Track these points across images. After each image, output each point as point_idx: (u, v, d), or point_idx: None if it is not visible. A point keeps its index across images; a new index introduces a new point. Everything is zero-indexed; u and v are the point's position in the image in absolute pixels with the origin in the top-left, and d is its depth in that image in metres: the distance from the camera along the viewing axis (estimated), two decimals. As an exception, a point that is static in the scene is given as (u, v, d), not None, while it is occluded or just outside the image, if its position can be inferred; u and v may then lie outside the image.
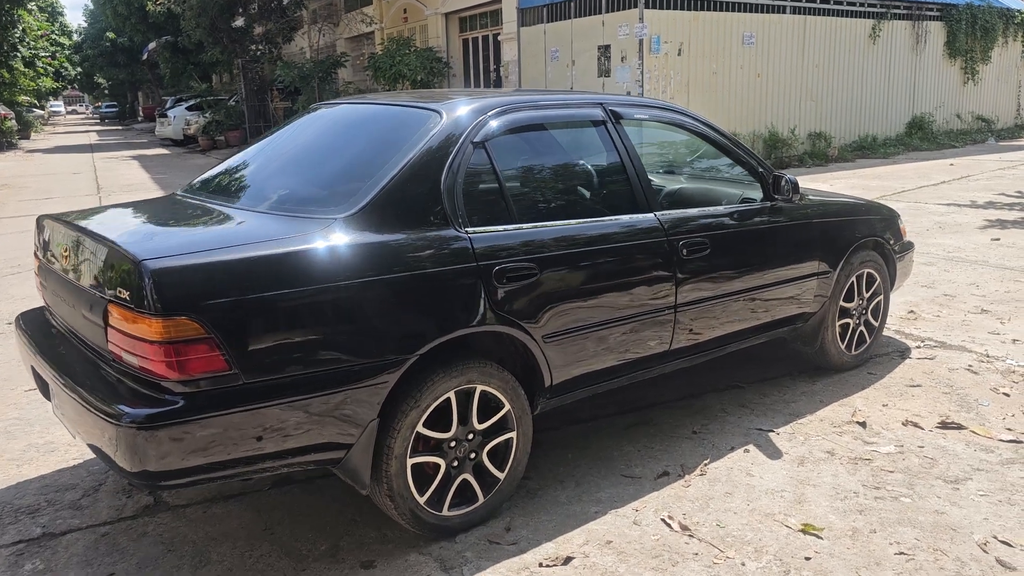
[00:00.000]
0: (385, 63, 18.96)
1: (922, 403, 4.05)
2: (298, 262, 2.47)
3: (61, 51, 47.92)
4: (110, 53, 44.82)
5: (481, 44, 18.85)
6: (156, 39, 31.00)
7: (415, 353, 2.67)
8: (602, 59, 13.76)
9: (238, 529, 3.01)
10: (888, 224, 4.60)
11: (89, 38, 47.62)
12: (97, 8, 39.16)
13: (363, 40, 24.34)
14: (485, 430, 2.96)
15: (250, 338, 2.38)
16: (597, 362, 3.25)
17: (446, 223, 2.80)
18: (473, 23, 19.10)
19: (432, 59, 19.02)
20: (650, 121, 3.68)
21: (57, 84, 46.26)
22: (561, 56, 14.83)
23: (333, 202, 2.75)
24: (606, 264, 3.20)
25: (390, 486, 2.73)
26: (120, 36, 41.82)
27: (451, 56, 19.79)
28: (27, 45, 30.28)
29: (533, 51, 15.65)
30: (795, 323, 4.14)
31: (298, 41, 28.13)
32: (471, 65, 19.41)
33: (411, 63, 18.64)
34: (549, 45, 15.15)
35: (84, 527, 3.04)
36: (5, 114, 31.36)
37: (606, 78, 13.70)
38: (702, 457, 3.51)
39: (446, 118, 2.99)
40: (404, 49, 19.00)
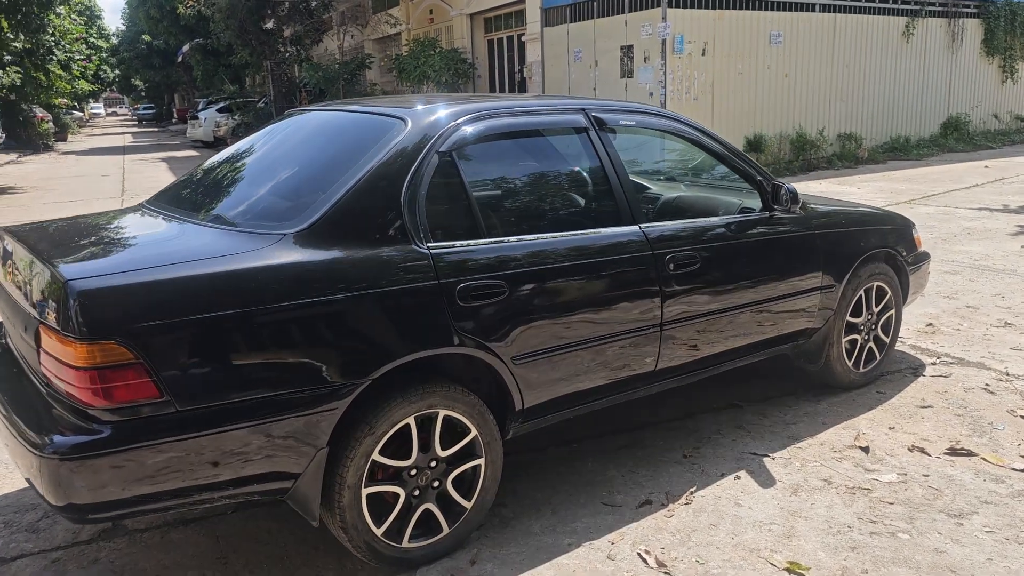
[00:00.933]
0: (410, 64, 18.92)
1: (932, 426, 3.81)
2: (235, 282, 2.33)
3: (98, 54, 48.71)
4: (146, 56, 45.43)
5: (506, 45, 18.70)
6: (189, 41, 31.30)
7: (367, 378, 2.52)
8: (625, 60, 13.53)
9: (192, 558, 2.89)
10: (900, 234, 4.35)
11: (126, 41, 48.35)
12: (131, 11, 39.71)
13: (390, 41, 24.32)
14: (450, 457, 2.80)
15: (183, 363, 2.24)
16: (574, 384, 3.08)
17: (406, 239, 2.65)
18: (498, 24, 18.96)
19: (457, 60, 18.92)
20: (638, 128, 3.49)
21: (94, 86, 46.97)
22: (584, 57, 14.62)
23: (286, 216, 2.61)
24: (584, 280, 3.02)
25: (343, 517, 2.58)
26: (155, 39, 42.34)
27: (476, 57, 19.67)
28: (63, 48, 30.72)
29: (556, 52, 15.47)
30: (797, 339, 3.93)
31: (327, 43, 28.24)
32: (496, 66, 19.27)
33: (436, 64, 18.56)
34: (572, 46, 14.95)
35: (36, 552, 2.93)
36: (42, 116, 31.89)
37: (629, 79, 13.47)
38: (690, 484, 3.31)
39: (411, 127, 2.84)
40: (429, 50, 18.93)
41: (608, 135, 3.28)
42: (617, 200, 3.21)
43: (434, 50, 18.98)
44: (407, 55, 19.41)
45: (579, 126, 3.22)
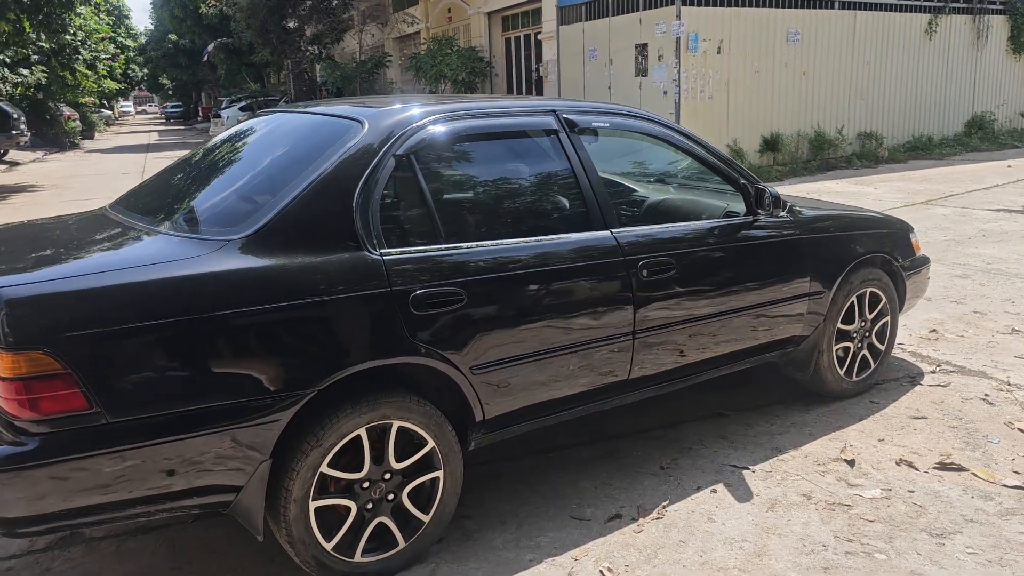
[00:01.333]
0: (427, 63, 18.88)
1: (923, 438, 3.66)
2: (168, 290, 2.27)
3: (125, 53, 49.26)
4: (172, 55, 45.86)
5: (523, 43, 18.61)
6: (212, 40, 31.56)
7: (312, 389, 2.44)
8: (639, 58, 13.38)
9: (146, 568, 2.83)
10: (896, 238, 4.21)
11: (153, 40, 48.86)
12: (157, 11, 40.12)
13: (410, 40, 24.31)
14: (405, 469, 2.71)
15: (114, 374, 2.18)
16: (540, 394, 2.98)
17: (357, 245, 2.57)
18: (515, 22, 18.86)
19: (474, 59, 18.87)
20: (612, 130, 3.38)
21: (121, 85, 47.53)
22: (599, 55, 14.49)
23: (233, 222, 2.54)
24: (549, 288, 2.92)
25: (289, 531, 2.51)
26: (181, 38, 42.73)
27: (494, 56, 19.59)
28: (89, 48, 31.09)
29: (572, 50, 15.35)
30: (784, 347, 3.80)
31: (348, 42, 28.33)
32: (513, 65, 19.18)
33: (452, 63, 18.51)
34: (587, 44, 14.82)
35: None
36: (69, 115, 32.28)
37: (643, 77, 13.32)
38: (663, 497, 3.20)
39: (367, 129, 2.76)
40: (446, 49, 18.89)
41: (580, 137, 3.18)
42: (588, 204, 3.11)
43: (451, 49, 18.94)
44: (424, 54, 19.39)
45: (549, 128, 3.12)
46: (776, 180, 12.50)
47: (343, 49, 28.11)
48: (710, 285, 3.39)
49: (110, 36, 40.53)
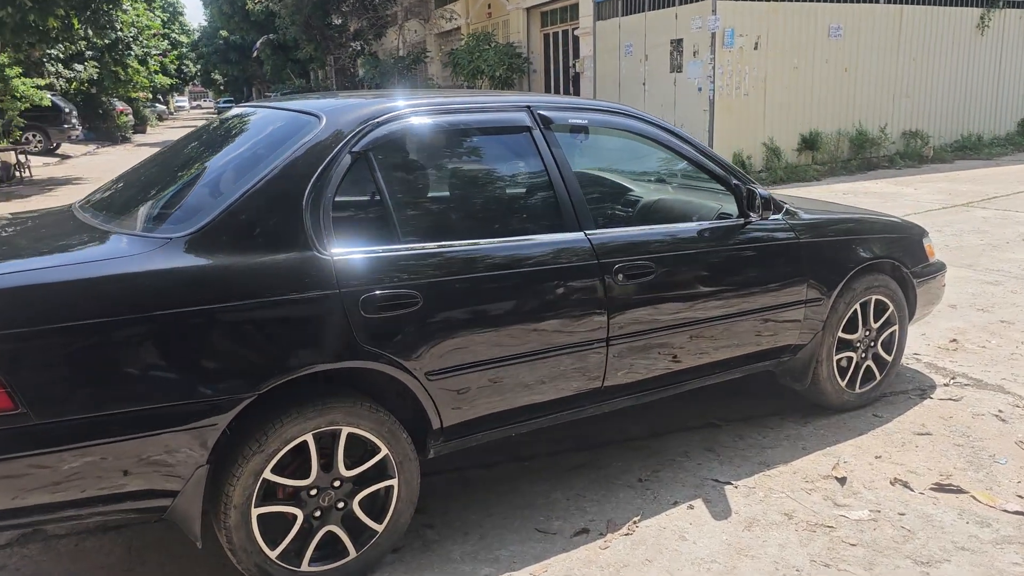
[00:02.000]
0: (464, 59, 18.82)
1: (924, 456, 3.46)
2: (100, 289, 2.21)
3: (178, 49, 50.26)
4: (223, 51, 46.58)
5: (561, 39, 18.43)
6: (259, 37, 31.98)
7: (252, 393, 2.36)
8: (674, 54, 13.12)
9: (99, 568, 2.80)
10: (906, 243, 3.99)
11: (205, 36, 49.73)
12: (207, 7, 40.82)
13: (451, 36, 24.31)
14: (356, 477, 2.63)
15: (42, 374, 2.13)
16: (504, 402, 2.87)
17: (306, 244, 2.48)
18: (553, 17, 18.70)
19: (512, 55, 18.75)
20: (591, 127, 3.25)
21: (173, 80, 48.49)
22: (634, 51, 14.26)
23: (180, 220, 2.48)
24: (513, 291, 2.81)
25: (230, 538, 2.44)
26: (232, 34, 43.40)
27: (532, 52, 19.46)
28: (140, 44, 31.78)
29: (608, 46, 15.14)
30: (779, 356, 3.63)
31: (392, 37, 28.46)
32: (551, 61, 19.03)
33: (490, 59, 18.42)
34: (623, 40, 14.60)
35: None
36: (122, 109, 33.02)
37: (678, 73, 13.06)
38: (636, 512, 3.07)
39: (324, 124, 2.67)
40: (484, 45, 18.81)
41: (556, 135, 3.05)
42: (560, 204, 2.98)
43: (489, 45, 18.84)
44: (462, 50, 19.33)
45: (521, 125, 3.00)
46: (813, 180, 12.18)
47: (385, 45, 28.26)
48: (694, 291, 3.24)
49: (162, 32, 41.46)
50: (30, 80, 22.51)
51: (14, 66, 21.88)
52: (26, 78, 22.59)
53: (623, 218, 3.86)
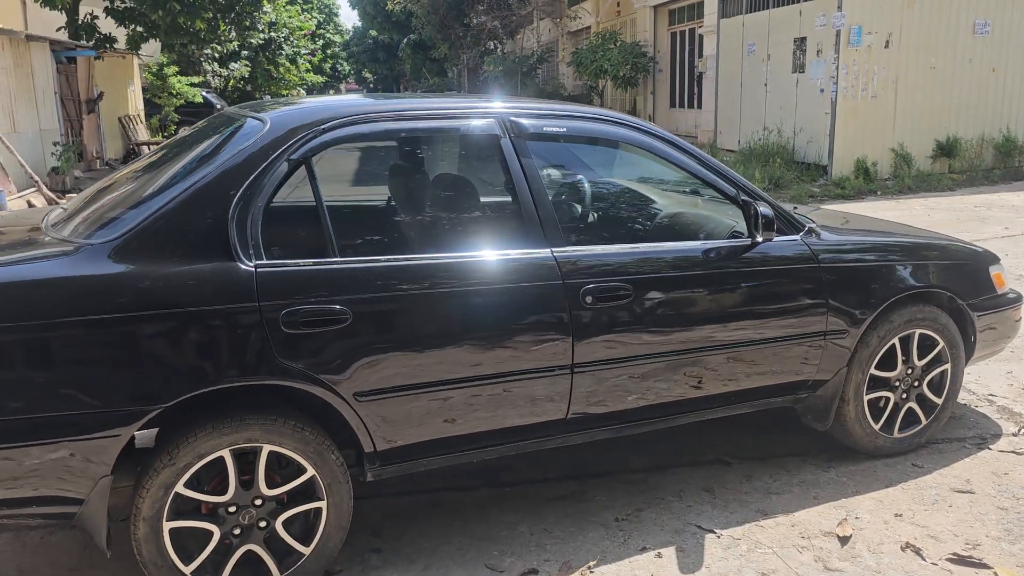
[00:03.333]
0: (587, 59, 18.58)
1: (955, 519, 3.01)
2: (6, 294, 2.21)
3: (331, 48, 52.55)
4: (372, 50, 48.30)
5: (687, 38, 17.86)
6: (399, 36, 32.93)
7: (157, 407, 2.31)
8: (797, 53, 12.37)
9: (49, 565, 2.85)
10: (965, 271, 3.50)
11: (356, 36, 51.74)
12: (352, 7, 42.44)
13: (581, 35, 24.10)
14: (279, 496, 2.54)
15: (-61, 376, 2.16)
16: (449, 428, 2.70)
17: (228, 255, 2.41)
18: (681, 16, 18.15)
19: (637, 54, 18.34)
20: (572, 135, 3.01)
21: (324, 79, 50.68)
22: (757, 50, 13.57)
23: (110, 227, 2.46)
24: (461, 310, 2.63)
25: (140, 551, 2.41)
26: (381, 34, 44.93)
27: (658, 51, 18.98)
28: (291, 43, 33.44)
29: (731, 45, 14.49)
30: (794, 392, 3.26)
31: (528, 36, 28.57)
32: (677, 60, 18.47)
33: (613, 58, 18.09)
34: (747, 39, 13.92)
35: (-74, 537, 3.03)
36: (273, 106, 34.85)
37: (800, 74, 12.31)
38: (598, 555, 2.82)
39: (266, 130, 2.59)
40: (608, 44, 18.49)
41: (529, 144, 2.84)
42: (525, 219, 2.77)
43: (614, 44, 18.50)
44: (585, 49, 19.08)
45: (488, 133, 2.81)
46: (946, 189, 11.16)
47: (520, 44, 28.39)
48: (683, 318, 2.95)
49: (315, 32, 43.47)
50: (185, 78, 24.12)
51: (171, 65, 23.51)
52: (182, 76, 24.22)
53: (638, 232, 3.60)
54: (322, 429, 2.57)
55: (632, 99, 20.04)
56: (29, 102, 14.88)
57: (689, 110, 17.80)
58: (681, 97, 18.42)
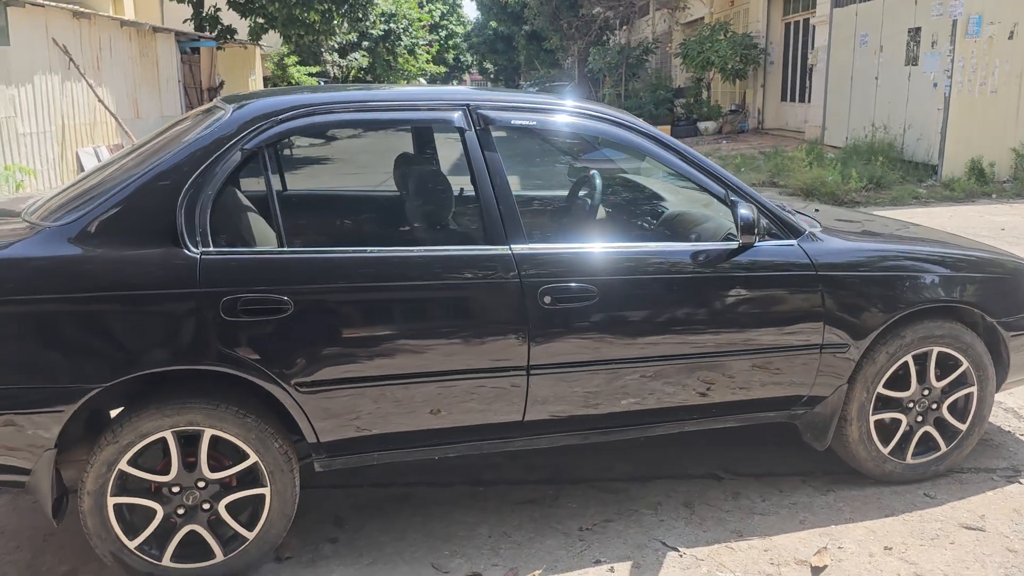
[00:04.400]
0: (693, 50, 18.08)
1: (951, 558, 2.73)
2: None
3: (452, 40, 53.31)
4: (492, 41, 48.78)
5: (801, 28, 17.09)
6: (514, 27, 33.08)
7: (97, 386, 2.39)
8: (911, 44, 11.61)
9: (27, 528, 3.00)
10: (995, 285, 3.19)
11: (476, 27, 52.36)
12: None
13: (695, 25, 23.49)
14: (222, 480, 2.58)
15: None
16: (398, 423, 2.67)
17: (174, 241, 2.46)
18: (795, 5, 17.39)
19: (747, 45, 17.72)
20: (542, 129, 2.91)
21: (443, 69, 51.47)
22: (869, 41, 12.83)
23: (73, 211, 2.55)
24: (408, 304, 2.60)
25: (85, 523, 2.50)
26: (500, 25, 45.29)
27: (771, 42, 18.26)
28: (410, 35, 34.18)
29: (843, 35, 13.76)
30: (788, 408, 3.06)
31: (642, 27, 28.13)
32: (790, 51, 17.71)
33: (721, 50, 17.53)
34: (859, 29, 13.19)
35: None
36: (392, 96, 35.82)
37: (913, 67, 11.55)
38: (547, 564, 2.73)
39: (225, 119, 2.63)
40: (717, 35, 17.93)
41: (494, 137, 2.77)
42: (485, 215, 2.70)
43: (724, 35, 17.92)
44: (692, 40, 18.57)
45: (451, 125, 2.75)
46: (1071, 195, 10.22)
47: (636, 35, 27.94)
48: (656, 323, 2.81)
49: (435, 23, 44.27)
50: (305, 68, 25.03)
51: (292, 55, 24.45)
52: (302, 66, 25.15)
53: (640, 230, 3.47)
54: (267, 418, 2.59)
55: (742, 92, 19.38)
56: (153, 89, 15.82)
57: (800, 104, 17.04)
58: (792, 91, 17.66)
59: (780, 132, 17.32)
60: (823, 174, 10.41)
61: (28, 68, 11.46)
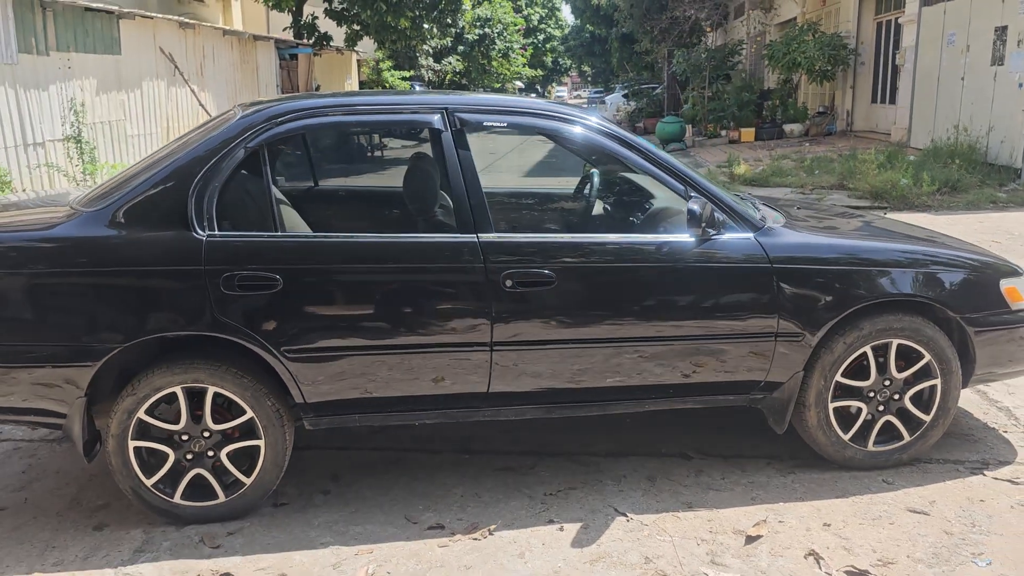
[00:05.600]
0: (779, 51, 17.84)
1: (885, 536, 2.89)
2: (12, 247, 2.84)
3: (550, 43, 53.75)
4: (588, 44, 48.93)
5: (892, 28, 16.62)
6: (608, 30, 33.20)
7: (119, 346, 2.84)
8: (997, 43, 11.25)
9: (76, 470, 3.51)
10: (965, 283, 3.29)
11: (574, 31, 52.60)
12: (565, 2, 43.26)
13: (788, 26, 23.07)
14: (224, 431, 3.00)
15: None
16: (374, 388, 3.02)
17: (185, 226, 2.90)
18: (887, 4, 16.91)
19: (836, 46, 17.34)
20: (512, 129, 3.22)
21: (539, 72, 51.97)
22: (957, 41, 12.46)
23: (108, 198, 3.02)
24: (382, 284, 2.96)
25: (110, 461, 2.97)
26: (597, 28, 45.39)
27: (862, 42, 17.81)
28: (504, 39, 34.79)
29: (931, 35, 13.39)
30: (746, 392, 3.26)
31: (736, 28, 27.79)
32: (882, 52, 17.24)
33: (808, 51, 17.23)
34: (947, 28, 12.82)
35: (4, 439, 3.81)
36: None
37: (999, 66, 11.19)
38: (504, 519, 3.03)
39: (234, 121, 3.05)
40: (804, 35, 17.63)
41: (468, 137, 3.09)
42: (458, 206, 3.03)
43: (812, 35, 17.60)
44: (779, 41, 18.31)
45: (430, 127, 3.09)
46: None
47: (731, 36, 27.63)
48: (608, 308, 3.07)
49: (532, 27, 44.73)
50: (399, 72, 25.88)
51: (386, 60, 25.34)
52: (396, 71, 26.01)
53: (627, 223, 3.73)
54: (262, 379, 2.99)
55: (831, 94, 18.98)
56: (252, 94, 16.82)
57: (889, 106, 16.58)
58: (882, 92, 17.19)
59: (869, 134, 16.90)
60: (894, 177, 10.23)
61: (137, 75, 12.48)
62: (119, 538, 2.98)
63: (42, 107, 10.25)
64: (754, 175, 11.94)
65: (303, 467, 3.44)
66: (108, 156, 11.57)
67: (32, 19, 10.13)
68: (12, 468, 3.55)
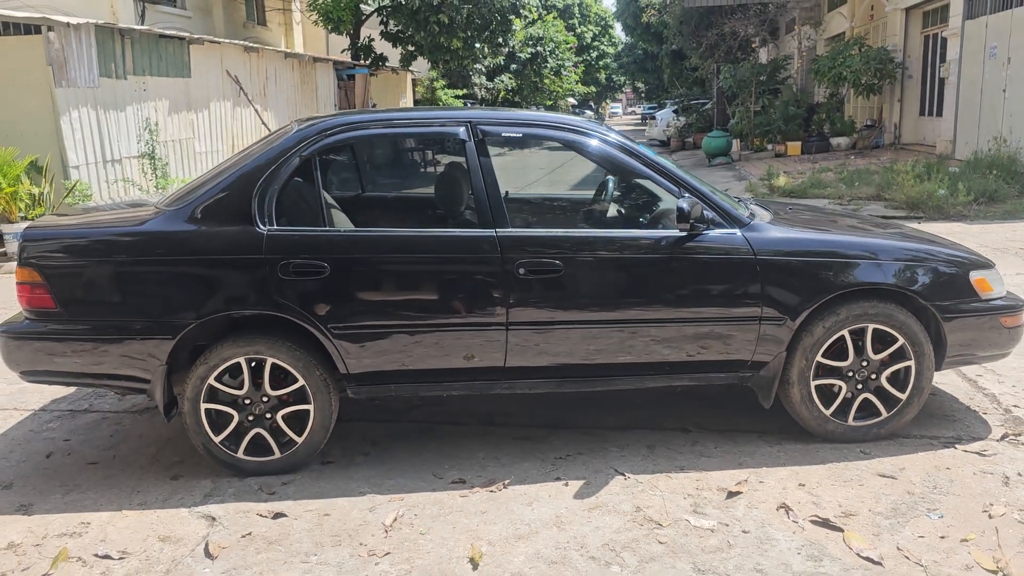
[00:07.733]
0: (825, 65, 18.01)
1: (852, 494, 3.27)
2: (106, 239, 3.42)
3: (603, 60, 54.26)
4: (641, 60, 49.32)
5: (939, 42, 16.67)
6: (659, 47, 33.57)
7: (194, 322, 3.39)
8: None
9: (155, 433, 4.08)
10: (936, 275, 3.64)
11: (626, 48, 53.07)
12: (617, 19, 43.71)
13: (837, 40, 23.16)
14: (280, 396, 3.53)
15: (72, 289, 3.40)
16: (407, 362, 3.52)
17: (249, 222, 3.45)
18: (934, 17, 16.99)
19: (883, 60, 17.45)
20: (528, 140, 3.70)
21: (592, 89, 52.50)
22: (999, 53, 12.58)
23: (186, 199, 3.60)
24: (414, 271, 3.47)
25: (185, 421, 3.52)
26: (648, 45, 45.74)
27: (908, 56, 17.88)
28: (556, 57, 35.40)
29: (974, 48, 13.52)
30: (736, 370, 3.66)
31: (789, 43, 27.91)
32: (928, 65, 17.30)
33: (854, 64, 17.38)
34: (989, 41, 12.94)
35: (95, 411, 4.42)
36: (538, 116, 37.11)
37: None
38: (517, 476, 3.50)
39: (291, 134, 3.60)
40: (850, 49, 17.78)
41: (488, 146, 3.59)
42: (479, 205, 3.52)
43: (858, 49, 17.75)
44: (825, 56, 18.48)
45: (456, 138, 3.60)
46: None
47: (782, 50, 27.77)
48: (608, 293, 3.52)
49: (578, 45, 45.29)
50: (452, 91, 26.62)
51: (440, 79, 26.11)
52: (450, 89, 26.76)
53: (635, 223, 4.18)
54: (312, 352, 3.52)
55: (879, 107, 19.04)
56: (311, 112, 17.67)
57: (936, 119, 16.62)
58: (929, 105, 17.23)
59: (916, 147, 16.95)
60: (930, 188, 10.42)
61: (205, 96, 13.36)
62: (192, 486, 3.52)
63: (119, 127, 11.11)
64: (793, 187, 12.21)
65: (347, 434, 3.96)
66: (179, 171, 12.42)
67: (112, 46, 11.02)
68: (101, 433, 4.14)
